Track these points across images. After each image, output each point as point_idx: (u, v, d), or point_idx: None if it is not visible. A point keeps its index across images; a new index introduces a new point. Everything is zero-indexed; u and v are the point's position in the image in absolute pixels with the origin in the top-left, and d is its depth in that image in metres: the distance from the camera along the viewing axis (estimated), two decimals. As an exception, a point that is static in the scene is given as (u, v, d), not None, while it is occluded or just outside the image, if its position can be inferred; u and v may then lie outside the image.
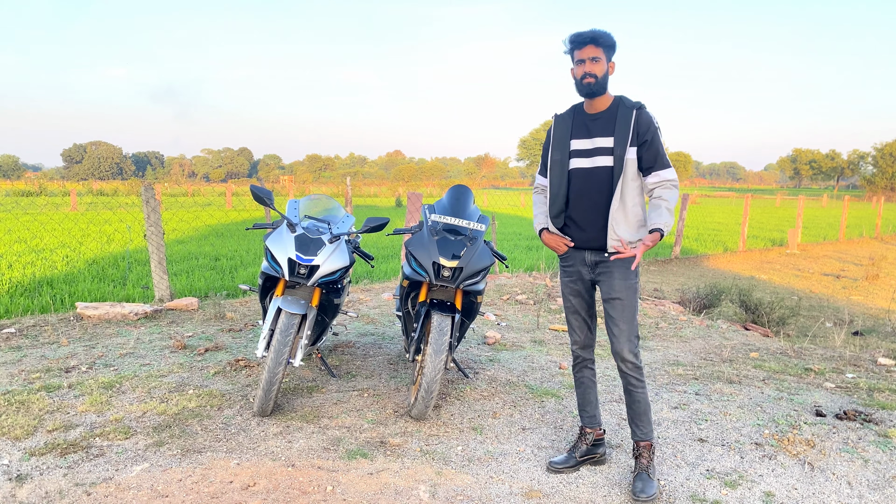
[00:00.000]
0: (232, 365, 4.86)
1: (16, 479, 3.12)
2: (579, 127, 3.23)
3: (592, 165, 3.18)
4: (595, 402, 3.56)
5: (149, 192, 7.14)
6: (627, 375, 3.29)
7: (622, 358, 3.26)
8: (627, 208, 3.14)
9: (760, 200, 54.85)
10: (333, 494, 3.11)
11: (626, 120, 3.10)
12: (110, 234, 14.51)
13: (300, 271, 3.86)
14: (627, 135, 3.09)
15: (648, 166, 3.12)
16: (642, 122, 3.10)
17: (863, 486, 3.33)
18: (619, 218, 3.14)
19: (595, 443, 3.53)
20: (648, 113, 3.12)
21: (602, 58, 3.10)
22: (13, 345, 5.39)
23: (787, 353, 6.02)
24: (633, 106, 3.13)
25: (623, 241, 3.10)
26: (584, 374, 3.53)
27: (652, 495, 3.14)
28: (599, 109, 3.19)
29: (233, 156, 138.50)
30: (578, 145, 3.22)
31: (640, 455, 3.32)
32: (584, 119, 3.22)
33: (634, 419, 3.34)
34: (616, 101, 3.18)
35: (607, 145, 3.13)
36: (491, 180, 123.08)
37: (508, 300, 8.06)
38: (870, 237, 22.61)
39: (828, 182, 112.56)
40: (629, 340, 3.24)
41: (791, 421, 4.14)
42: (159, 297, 7.14)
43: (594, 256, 3.26)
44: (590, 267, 3.29)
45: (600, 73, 3.10)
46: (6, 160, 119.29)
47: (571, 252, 3.33)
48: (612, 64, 3.15)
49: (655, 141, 3.10)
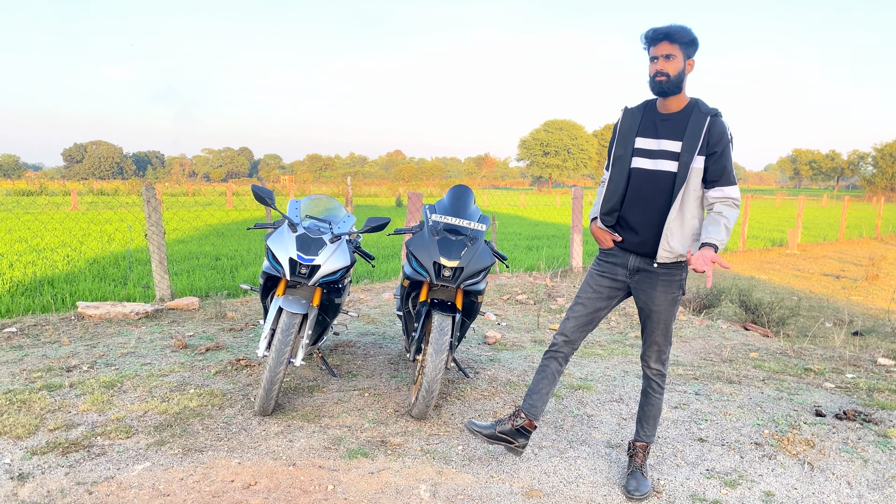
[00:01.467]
0: (233, 364, 4.87)
1: (17, 478, 3.13)
2: (647, 125, 3.05)
3: (655, 168, 3.00)
4: (544, 396, 3.33)
5: (150, 192, 7.15)
6: (650, 380, 3.28)
7: (648, 365, 3.26)
8: (685, 219, 2.97)
9: (760, 200, 54.84)
10: (334, 493, 3.12)
11: (699, 126, 2.91)
12: (111, 234, 14.51)
13: (301, 271, 3.87)
14: (697, 142, 2.90)
15: (714, 179, 2.93)
16: (715, 131, 2.90)
17: (862, 486, 3.34)
18: (674, 228, 2.97)
19: (522, 429, 3.32)
20: (724, 122, 2.93)
21: (677, 55, 2.91)
22: (14, 344, 5.39)
23: (786, 353, 6.03)
24: (708, 112, 2.93)
25: (675, 254, 2.98)
26: (550, 364, 3.32)
27: (646, 493, 3.16)
28: (672, 110, 3.01)
29: (233, 155, 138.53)
30: (643, 144, 3.04)
31: (636, 454, 3.34)
32: (654, 117, 3.04)
33: (643, 420, 3.35)
34: (691, 104, 2.99)
35: (674, 149, 2.96)
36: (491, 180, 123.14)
37: (509, 300, 8.07)
38: (870, 237, 22.61)
39: (828, 182, 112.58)
40: (660, 350, 3.21)
41: (791, 421, 4.15)
42: (160, 296, 7.15)
43: (639, 262, 3.11)
44: (630, 272, 3.14)
45: (673, 72, 2.91)
46: (7, 160, 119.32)
47: (616, 250, 3.17)
48: (690, 62, 2.95)
49: (726, 154, 2.91)
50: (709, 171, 2.94)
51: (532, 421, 3.34)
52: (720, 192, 2.93)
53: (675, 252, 2.99)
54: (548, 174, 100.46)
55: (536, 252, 13.73)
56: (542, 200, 47.82)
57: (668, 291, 3.09)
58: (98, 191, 41.92)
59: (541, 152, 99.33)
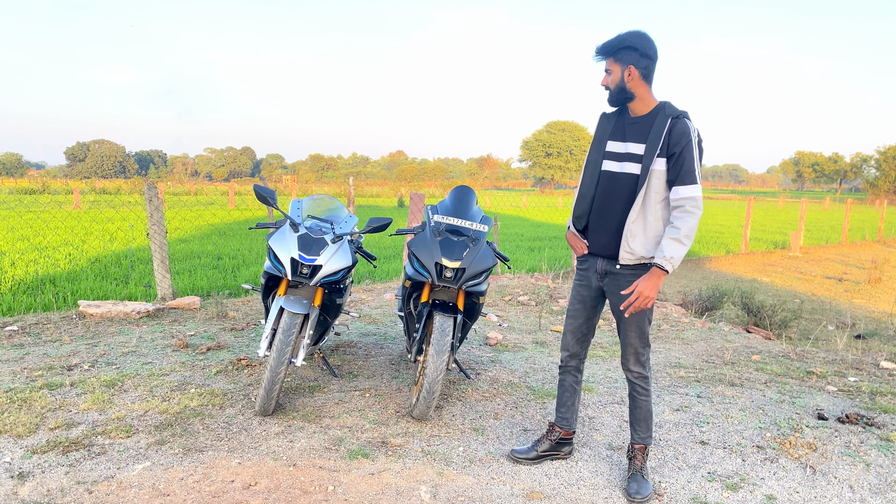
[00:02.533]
0: (234, 364, 4.87)
1: (18, 477, 3.12)
2: (618, 129, 3.12)
3: (621, 171, 3.07)
4: (571, 406, 3.52)
5: (152, 191, 7.14)
6: (633, 383, 3.32)
7: (629, 369, 3.29)
8: (647, 222, 3.01)
9: (763, 203, 54.78)
10: (335, 494, 3.11)
11: (661, 128, 2.95)
12: (113, 233, 14.52)
13: (303, 271, 3.86)
14: (657, 144, 2.95)
15: (672, 179, 2.96)
16: (676, 132, 2.94)
17: (865, 490, 3.33)
18: (635, 230, 3.01)
19: (561, 441, 3.53)
20: (686, 123, 2.96)
21: (613, 68, 3.01)
22: (16, 342, 5.39)
23: (789, 356, 6.01)
24: (671, 114, 2.98)
25: (636, 256, 3.02)
26: (566, 378, 3.51)
27: (647, 496, 3.17)
28: (639, 114, 3.07)
29: (235, 155, 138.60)
30: (613, 147, 3.11)
31: (635, 456, 3.35)
32: (625, 122, 3.11)
33: (635, 423, 3.37)
34: (658, 108, 3.03)
35: (638, 152, 3.01)
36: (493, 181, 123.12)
37: (510, 301, 8.06)
38: (872, 240, 22.57)
39: (830, 185, 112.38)
40: (636, 352, 3.24)
41: (793, 424, 4.13)
42: (161, 295, 7.15)
43: (605, 265, 3.18)
44: (600, 275, 3.22)
45: (612, 84, 3.04)
46: (10, 158, 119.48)
47: (587, 256, 3.26)
48: (629, 70, 2.98)
49: (685, 154, 2.92)
50: (669, 172, 2.98)
51: (568, 431, 3.53)
52: (676, 194, 2.96)
53: (637, 254, 3.04)
54: (550, 175, 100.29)
55: (538, 253, 13.72)
56: (544, 202, 47.82)
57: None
58: (100, 189, 41.97)
59: (543, 153, 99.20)
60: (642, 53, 2.97)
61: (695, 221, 2.93)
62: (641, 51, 2.97)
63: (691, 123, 2.97)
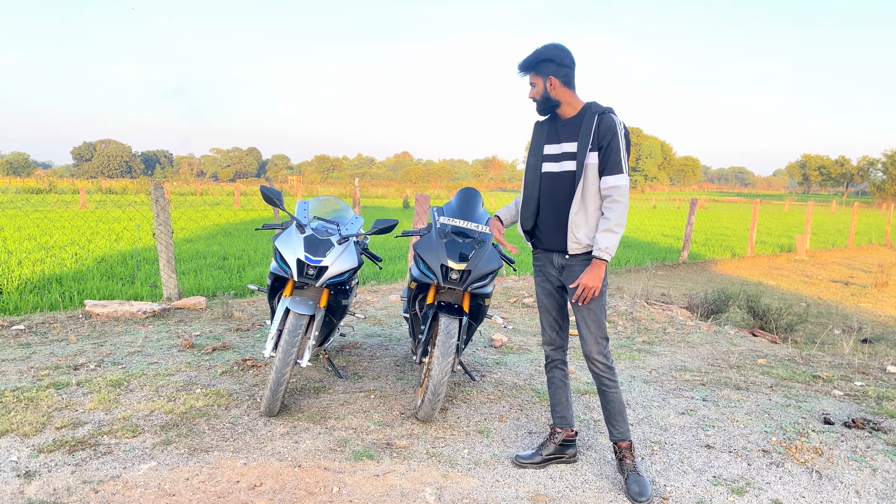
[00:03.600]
0: (239, 364, 4.88)
1: (24, 476, 3.14)
2: (552, 133, 3.31)
3: (560, 170, 3.26)
4: (566, 403, 3.59)
5: (158, 191, 7.17)
6: (599, 376, 3.34)
7: (591, 359, 3.32)
8: (588, 212, 3.19)
9: (769, 206, 54.62)
10: (339, 495, 3.11)
11: (590, 125, 3.15)
12: (119, 233, 14.57)
13: (309, 272, 3.87)
14: (588, 139, 3.14)
15: (601, 169, 3.15)
16: (602, 126, 3.14)
17: (871, 496, 3.31)
18: (578, 221, 3.19)
19: (564, 443, 3.56)
20: (612, 117, 3.15)
21: (536, 80, 3.23)
22: (22, 342, 5.42)
23: (795, 360, 5.99)
24: (597, 111, 3.18)
25: (583, 245, 3.19)
26: (554, 374, 3.59)
27: (650, 496, 3.19)
28: (568, 116, 3.27)
29: (241, 155, 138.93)
30: (549, 150, 3.30)
31: (624, 457, 3.36)
32: (557, 124, 3.31)
33: (610, 419, 3.39)
34: (584, 108, 3.23)
35: (572, 150, 3.20)
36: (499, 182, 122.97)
37: (515, 303, 8.05)
38: (879, 244, 22.48)
39: (837, 188, 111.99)
40: (596, 342, 3.30)
41: (799, 428, 4.12)
42: (167, 295, 7.17)
43: (560, 259, 3.33)
44: (557, 269, 3.36)
45: (538, 96, 3.25)
46: (17, 157, 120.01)
47: (541, 253, 3.43)
48: (551, 80, 3.20)
49: (612, 145, 3.12)
50: (600, 163, 3.16)
51: (568, 430, 3.55)
52: (604, 184, 3.15)
53: (583, 243, 3.20)
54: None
55: (543, 255, 13.69)
56: (549, 203, 47.70)
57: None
58: (107, 189, 42.08)
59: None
60: (559, 63, 3.19)
61: (622, 209, 3.13)
62: (558, 61, 3.19)
63: (617, 118, 3.17)
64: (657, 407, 4.49)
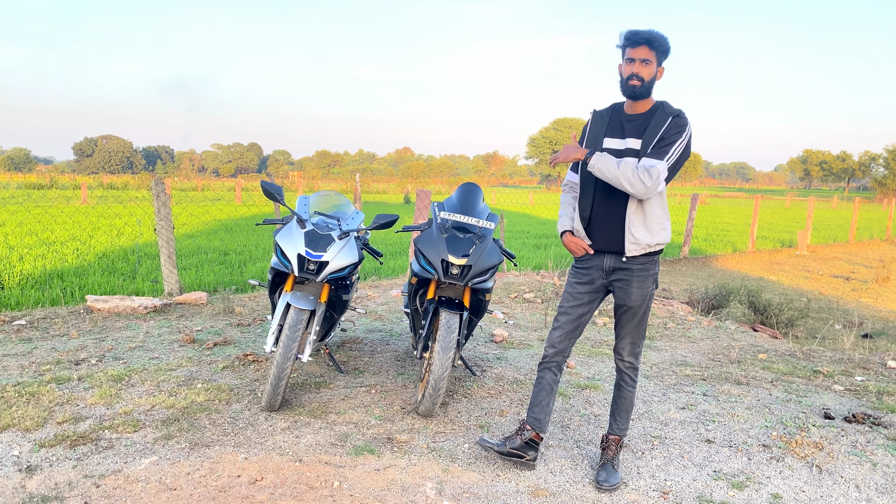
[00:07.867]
0: (240, 359, 4.88)
1: (26, 471, 3.14)
2: (615, 126, 3.15)
3: None
4: (546, 407, 3.39)
5: (159, 187, 7.17)
6: (623, 373, 3.36)
7: (622, 358, 3.33)
8: (646, 211, 3.09)
9: (770, 201, 54.56)
10: (340, 490, 3.12)
11: (660, 125, 3.02)
12: (120, 228, 14.58)
13: (309, 267, 3.87)
14: (654, 138, 3.01)
15: (648, 152, 3.01)
16: (672, 126, 3.02)
17: (871, 490, 3.32)
18: (635, 220, 3.09)
19: (530, 442, 3.37)
20: (683, 120, 3.03)
21: (653, 61, 3.01)
22: (24, 337, 5.43)
23: (795, 355, 5.99)
24: (671, 113, 3.05)
25: (641, 245, 3.09)
26: (545, 374, 3.40)
27: (615, 485, 3.23)
28: (638, 111, 3.11)
29: (242, 151, 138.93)
30: (611, 144, 3.13)
31: (608, 447, 3.39)
32: (622, 119, 3.15)
33: (615, 413, 3.41)
34: (656, 106, 3.10)
35: (637, 147, 3.05)
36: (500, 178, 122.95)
37: (516, 298, 8.06)
38: (880, 239, 22.46)
39: (838, 183, 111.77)
40: (632, 344, 3.29)
41: (799, 423, 4.12)
42: (168, 290, 7.17)
43: (613, 262, 3.19)
44: (607, 272, 3.22)
45: (647, 77, 3.02)
46: (18, 153, 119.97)
47: (591, 255, 3.24)
48: (661, 69, 3.06)
49: (672, 139, 2.99)
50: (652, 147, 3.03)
51: (539, 433, 3.41)
52: (643, 161, 2.99)
53: (642, 242, 3.10)
54: (556, 173, 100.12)
55: (544, 251, 13.70)
56: (550, 199, 47.70)
57: (643, 287, 3.20)
58: (108, 185, 42.04)
59: (550, 150, 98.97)
60: (667, 57, 3.06)
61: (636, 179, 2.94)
62: (668, 54, 3.06)
63: (689, 124, 3.05)
64: (658, 402, 4.50)
